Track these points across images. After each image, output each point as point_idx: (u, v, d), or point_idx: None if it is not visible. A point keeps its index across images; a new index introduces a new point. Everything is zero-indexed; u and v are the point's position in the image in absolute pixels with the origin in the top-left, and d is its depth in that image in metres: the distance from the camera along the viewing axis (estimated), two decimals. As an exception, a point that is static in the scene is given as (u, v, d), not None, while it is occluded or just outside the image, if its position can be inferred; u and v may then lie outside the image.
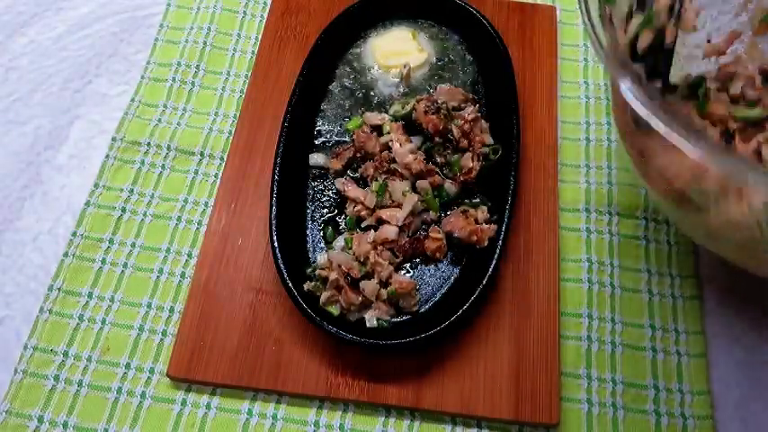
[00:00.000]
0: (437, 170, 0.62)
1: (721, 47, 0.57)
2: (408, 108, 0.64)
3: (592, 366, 0.57)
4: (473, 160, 0.61)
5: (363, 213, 0.60)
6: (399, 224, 0.58)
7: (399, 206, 0.59)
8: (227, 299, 0.58)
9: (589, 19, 0.40)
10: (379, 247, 0.58)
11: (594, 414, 0.55)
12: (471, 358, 0.56)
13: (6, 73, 0.72)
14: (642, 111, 0.35)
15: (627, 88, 0.36)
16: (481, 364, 0.55)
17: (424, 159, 0.61)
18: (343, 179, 0.62)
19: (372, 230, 0.59)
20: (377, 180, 0.61)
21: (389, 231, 0.58)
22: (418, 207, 0.60)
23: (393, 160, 0.62)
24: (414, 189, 0.61)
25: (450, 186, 0.62)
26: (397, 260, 0.58)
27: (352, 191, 0.61)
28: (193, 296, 0.58)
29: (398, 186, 0.60)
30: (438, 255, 0.59)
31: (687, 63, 0.57)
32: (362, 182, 0.63)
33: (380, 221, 0.59)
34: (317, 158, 0.64)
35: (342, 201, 0.62)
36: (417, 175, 0.61)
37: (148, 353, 0.57)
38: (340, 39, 0.70)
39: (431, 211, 0.61)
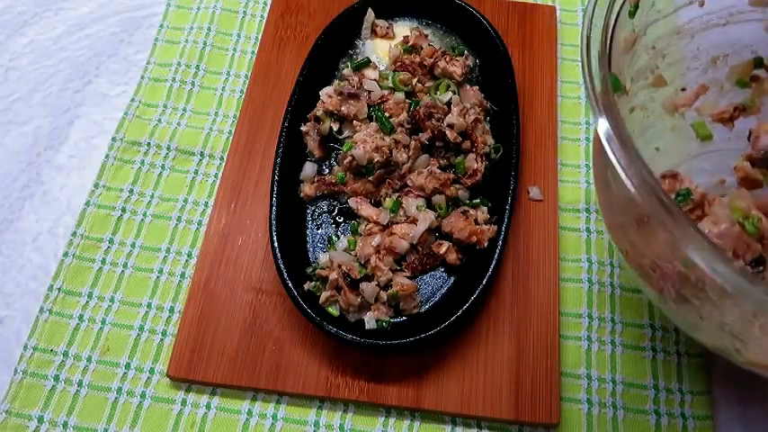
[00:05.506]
0: (451, 179, 0.61)
1: (689, 99, 0.57)
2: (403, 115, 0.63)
3: (592, 366, 0.57)
4: (477, 161, 0.61)
5: (375, 230, 0.59)
6: (414, 242, 0.58)
7: (414, 221, 0.59)
8: (227, 299, 0.58)
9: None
10: (382, 252, 0.57)
11: (594, 414, 0.55)
12: (471, 358, 0.56)
13: (6, 73, 0.72)
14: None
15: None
16: (481, 364, 0.55)
17: (438, 167, 0.61)
18: (357, 198, 0.61)
19: (378, 235, 0.58)
20: (390, 197, 0.60)
21: (400, 244, 0.57)
22: (434, 224, 0.59)
23: (404, 177, 0.61)
24: (428, 203, 0.60)
25: (463, 195, 0.61)
26: (400, 271, 0.58)
27: (365, 209, 0.60)
28: (193, 296, 0.58)
29: (412, 203, 0.59)
30: (458, 261, 0.58)
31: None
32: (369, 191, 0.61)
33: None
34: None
35: (341, 200, 0.62)
36: (433, 191, 0.60)
37: (148, 353, 0.57)
38: (340, 39, 0.70)
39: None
